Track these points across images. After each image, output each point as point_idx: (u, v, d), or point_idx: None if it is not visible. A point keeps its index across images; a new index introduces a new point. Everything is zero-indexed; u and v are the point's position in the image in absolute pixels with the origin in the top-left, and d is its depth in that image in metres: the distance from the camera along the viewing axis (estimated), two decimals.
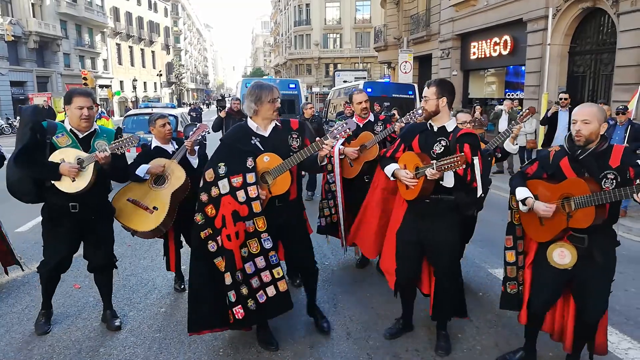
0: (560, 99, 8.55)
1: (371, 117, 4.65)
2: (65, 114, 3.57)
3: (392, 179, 3.34)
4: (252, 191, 3.07)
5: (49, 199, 3.46)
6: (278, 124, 3.37)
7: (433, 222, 3.22)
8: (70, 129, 3.45)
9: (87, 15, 40.69)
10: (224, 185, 3.11)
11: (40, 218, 3.57)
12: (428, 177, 2.98)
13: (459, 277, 3.53)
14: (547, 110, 9.19)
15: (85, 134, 3.47)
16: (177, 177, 3.92)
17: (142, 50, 54.89)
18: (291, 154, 3.19)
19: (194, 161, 4.17)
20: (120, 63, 49.07)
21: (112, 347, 3.49)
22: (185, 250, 4.44)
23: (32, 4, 34.07)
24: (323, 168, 3.58)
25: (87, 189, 3.33)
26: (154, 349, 3.47)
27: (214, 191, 3.13)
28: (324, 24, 51.20)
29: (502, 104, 10.24)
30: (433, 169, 2.94)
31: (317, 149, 3.16)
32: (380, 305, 4.14)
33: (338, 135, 3.16)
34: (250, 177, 3.09)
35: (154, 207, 3.85)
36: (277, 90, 3.32)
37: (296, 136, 3.36)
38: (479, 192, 3.11)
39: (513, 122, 4.14)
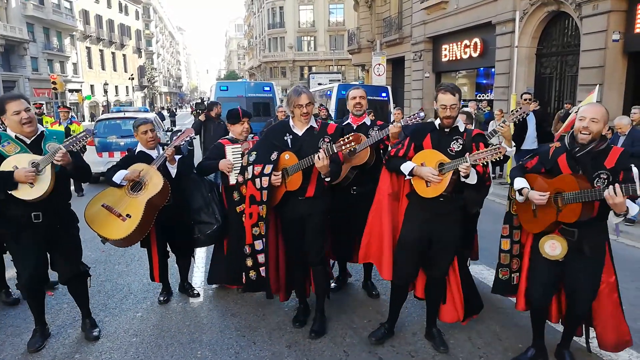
0: (525, 99, 8.79)
1: (367, 120, 4.23)
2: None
3: (407, 177, 3.31)
4: (265, 181, 3.42)
5: (7, 212, 3.24)
6: (315, 126, 3.56)
7: (442, 221, 3.26)
8: (16, 136, 3.27)
9: (55, 18, 39.68)
10: (249, 171, 3.54)
11: None
12: (462, 172, 2.99)
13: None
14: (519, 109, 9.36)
15: (32, 139, 3.30)
16: (155, 184, 3.76)
17: (113, 53, 53.82)
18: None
19: (173, 170, 4.04)
20: (90, 67, 48.01)
21: (87, 353, 3.46)
22: (172, 259, 4.41)
23: None
24: (324, 182, 3.53)
25: (48, 194, 3.20)
26: (131, 353, 3.46)
27: (246, 174, 3.58)
28: (298, 26, 51.21)
29: (467, 106, 10.46)
30: (467, 162, 2.97)
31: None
32: (355, 305, 4.22)
33: (335, 150, 3.21)
34: (268, 169, 3.42)
35: (127, 215, 3.70)
36: (307, 96, 3.47)
37: (328, 140, 3.47)
38: (491, 189, 3.22)
39: (503, 120, 3.86)
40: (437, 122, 3.31)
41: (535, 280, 3.15)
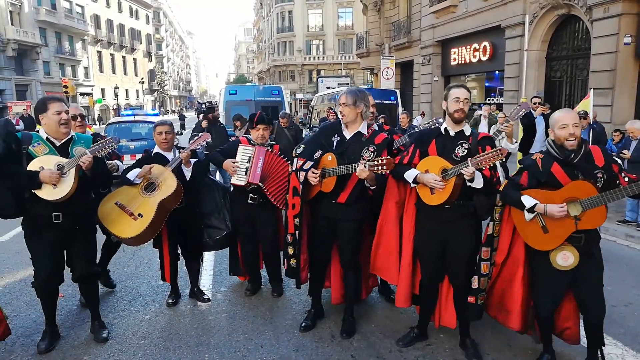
0: (535, 103, 8.71)
1: (375, 127, 4.09)
2: (40, 123, 3.46)
3: (412, 185, 3.29)
4: (302, 175, 3.50)
5: (31, 211, 3.34)
6: (364, 132, 3.53)
7: (453, 229, 3.21)
8: (47, 138, 3.38)
9: (67, 22, 40.20)
10: (294, 163, 3.65)
11: (20, 228, 3.52)
12: (466, 176, 2.94)
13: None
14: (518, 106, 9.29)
15: (62, 141, 3.41)
16: (168, 185, 3.81)
17: (123, 57, 54.36)
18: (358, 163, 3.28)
19: (187, 173, 4.10)
20: (101, 71, 48.53)
21: (96, 354, 3.48)
22: (181, 262, 4.43)
23: (10, 12, 33.56)
24: (369, 192, 3.53)
25: (69, 196, 3.28)
26: (139, 355, 3.47)
27: (293, 166, 3.68)
28: (307, 30, 51.35)
29: (481, 109, 10.39)
30: (469, 166, 2.92)
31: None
32: (362, 309, 4.20)
33: (375, 168, 3.12)
34: (308, 164, 3.50)
35: (139, 214, 3.75)
36: (347, 97, 3.47)
37: (372, 150, 3.43)
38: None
39: (507, 119, 3.82)
40: (444, 126, 3.29)
41: (545, 292, 3.07)
